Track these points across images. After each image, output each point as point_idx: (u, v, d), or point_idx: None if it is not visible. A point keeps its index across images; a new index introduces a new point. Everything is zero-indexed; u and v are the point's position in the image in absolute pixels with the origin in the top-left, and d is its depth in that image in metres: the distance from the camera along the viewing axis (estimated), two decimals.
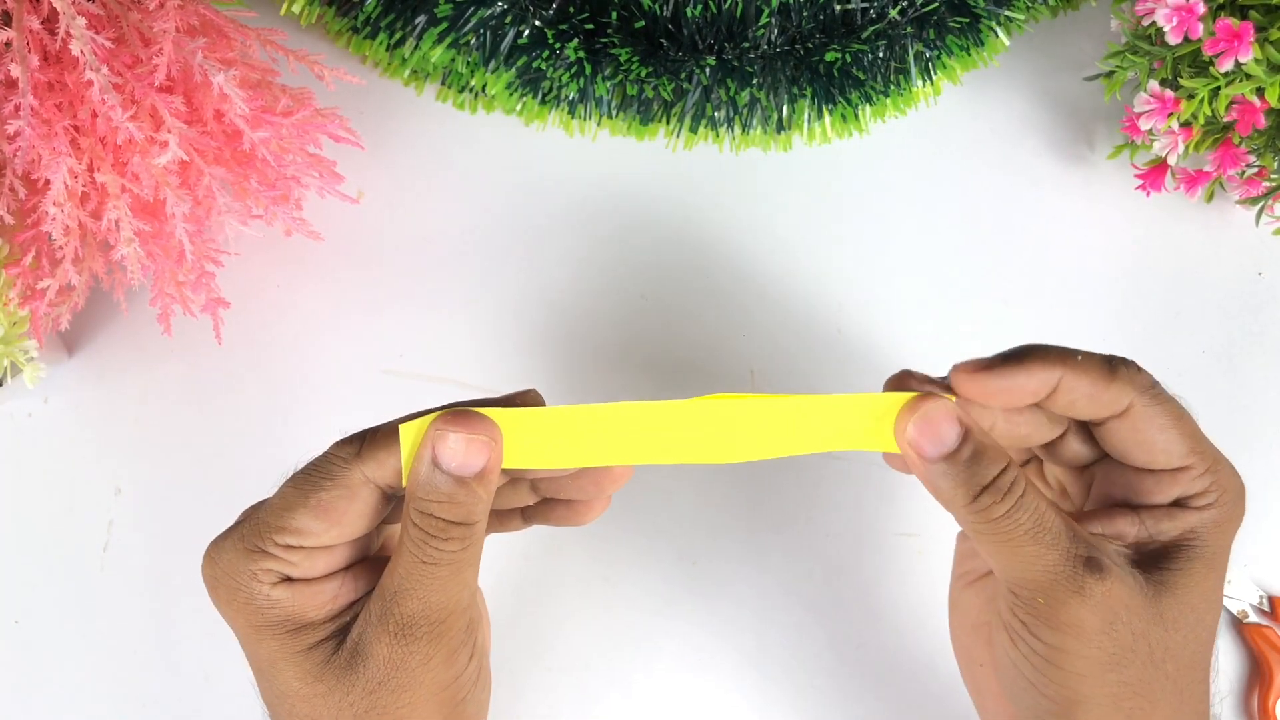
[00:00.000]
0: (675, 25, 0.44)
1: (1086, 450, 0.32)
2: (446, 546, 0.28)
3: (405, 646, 0.28)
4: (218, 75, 0.35)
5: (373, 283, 0.46)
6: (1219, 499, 0.30)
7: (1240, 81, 0.39)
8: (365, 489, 0.29)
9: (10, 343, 0.39)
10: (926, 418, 0.29)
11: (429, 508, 0.28)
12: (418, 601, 0.28)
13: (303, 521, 0.28)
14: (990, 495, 0.28)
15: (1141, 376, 0.30)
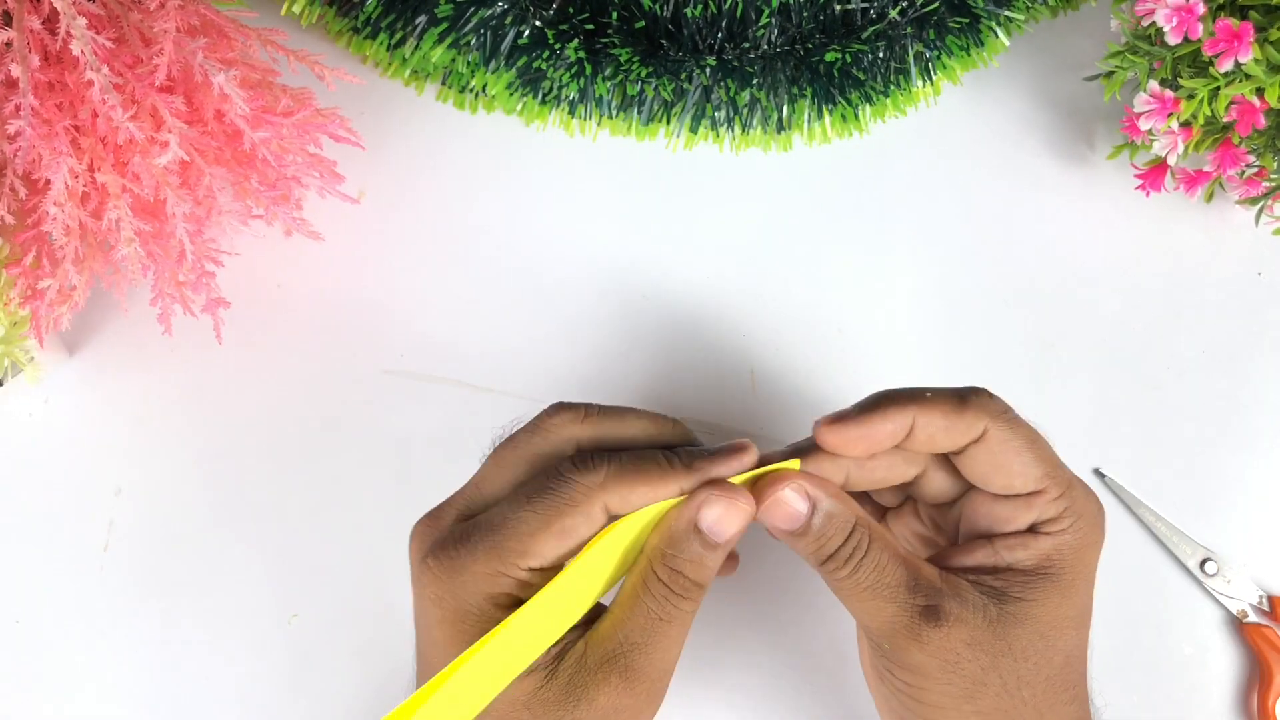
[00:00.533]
0: (675, 25, 0.45)
1: (950, 485, 0.33)
2: (684, 606, 0.29)
3: (626, 697, 0.29)
4: (218, 75, 0.35)
5: (373, 283, 0.46)
6: (1073, 524, 0.31)
7: (1240, 82, 0.39)
8: (601, 519, 0.30)
9: (11, 342, 0.39)
10: (778, 501, 0.31)
11: (681, 566, 0.29)
12: (646, 657, 0.29)
13: (547, 547, 0.29)
14: (834, 561, 0.30)
15: (994, 403, 0.32)
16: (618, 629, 0.29)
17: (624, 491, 0.30)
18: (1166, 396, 0.45)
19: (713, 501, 0.30)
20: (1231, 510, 0.43)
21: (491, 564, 0.29)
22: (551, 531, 0.29)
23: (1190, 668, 0.42)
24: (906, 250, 0.47)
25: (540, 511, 0.29)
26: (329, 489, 0.43)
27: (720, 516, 0.29)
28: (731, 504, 0.30)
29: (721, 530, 0.29)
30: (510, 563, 0.29)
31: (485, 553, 0.29)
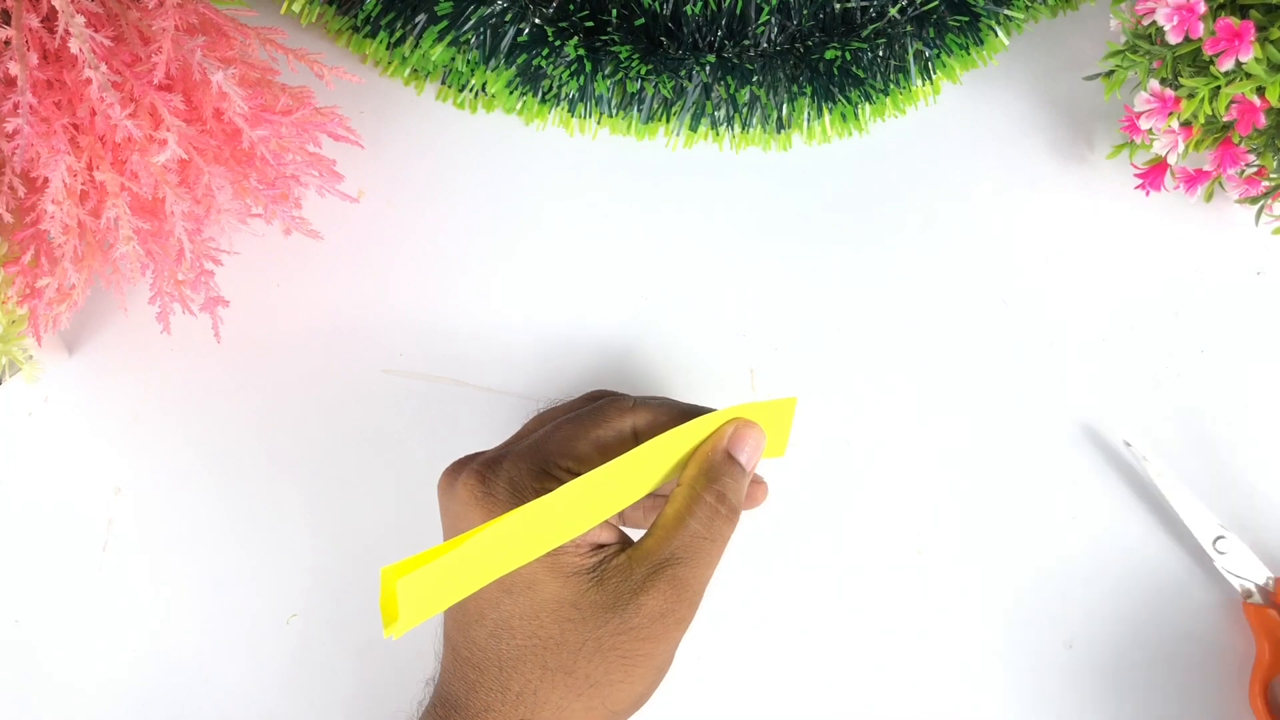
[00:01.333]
0: (675, 23, 0.44)
1: None
2: (723, 528, 0.33)
3: (674, 604, 0.32)
4: (217, 74, 0.35)
5: (373, 283, 0.46)
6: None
7: (1240, 81, 0.39)
8: (630, 439, 0.34)
9: (10, 341, 0.39)
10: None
11: (728, 489, 0.33)
12: (691, 570, 0.32)
13: (585, 450, 0.34)
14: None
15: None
16: (664, 545, 0.32)
17: (649, 417, 0.35)
18: (1167, 396, 0.45)
19: (744, 432, 0.34)
20: (1232, 510, 0.43)
21: (535, 460, 0.33)
22: (589, 439, 0.34)
23: (1197, 648, 0.42)
24: (906, 249, 0.47)
25: (577, 423, 0.34)
26: (328, 489, 0.43)
27: (754, 445, 0.34)
28: (759, 435, 0.34)
29: (753, 458, 0.34)
30: (551, 460, 0.33)
31: (527, 452, 0.33)
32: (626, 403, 0.35)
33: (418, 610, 0.29)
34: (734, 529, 0.34)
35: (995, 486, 0.44)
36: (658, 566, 0.32)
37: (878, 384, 0.45)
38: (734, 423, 0.34)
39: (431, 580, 0.29)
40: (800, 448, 0.44)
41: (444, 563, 0.29)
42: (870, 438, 0.44)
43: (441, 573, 0.30)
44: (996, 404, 0.45)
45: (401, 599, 0.29)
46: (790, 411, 0.36)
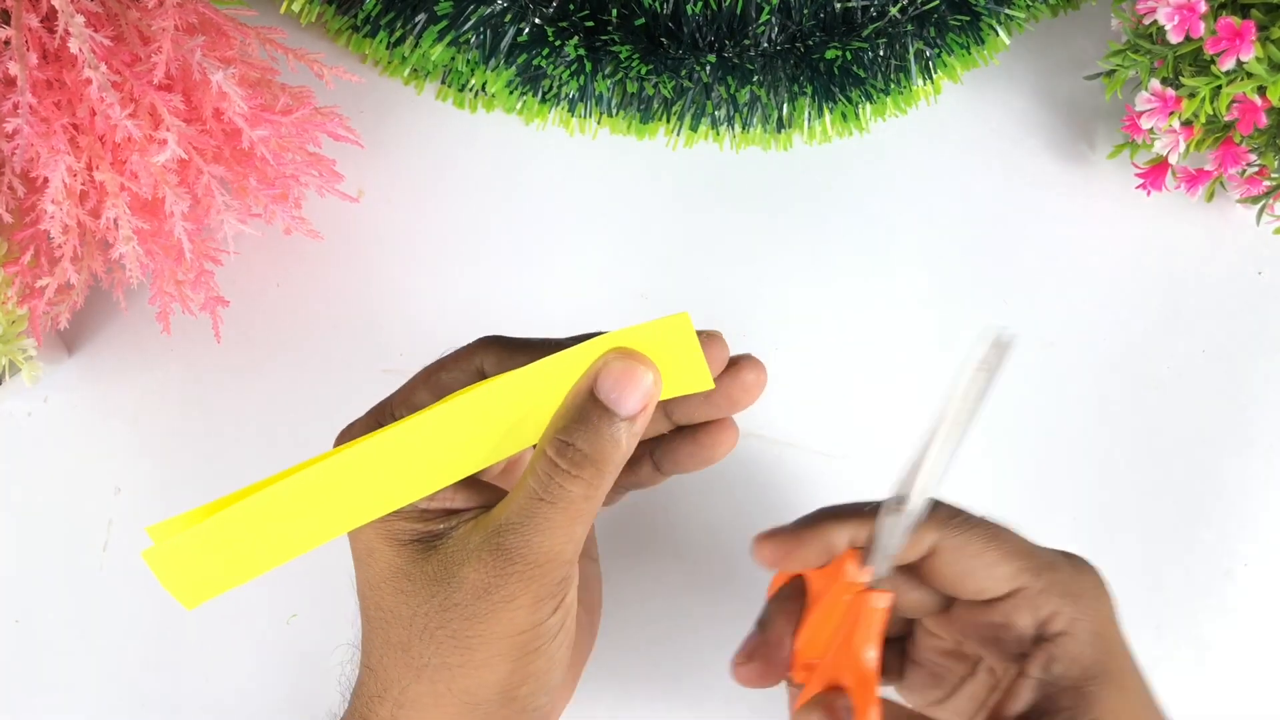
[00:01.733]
0: (675, 23, 0.44)
1: (927, 596, 0.31)
2: (570, 486, 0.27)
3: (496, 578, 0.27)
4: (217, 73, 0.35)
5: (373, 282, 0.45)
6: (1076, 610, 0.29)
7: (1242, 80, 0.39)
8: (477, 380, 0.29)
9: (9, 341, 0.39)
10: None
11: (571, 435, 0.27)
12: (522, 538, 0.27)
13: (421, 398, 0.29)
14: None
15: (941, 510, 0.30)
16: (501, 508, 0.28)
17: (501, 353, 0.29)
18: (1166, 396, 0.45)
19: (613, 365, 0.27)
20: (1231, 510, 0.43)
21: (372, 416, 0.29)
22: (428, 385, 0.29)
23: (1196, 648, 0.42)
24: (906, 249, 0.46)
25: (427, 369, 0.30)
26: None
27: (626, 380, 0.27)
28: (636, 367, 0.27)
29: (626, 396, 0.27)
30: (387, 412, 0.29)
31: (370, 412, 0.30)
32: (483, 341, 0.30)
33: (202, 579, 0.27)
34: (589, 488, 0.27)
35: (995, 486, 0.44)
36: (488, 535, 0.27)
37: (878, 384, 0.45)
38: (604, 357, 0.28)
39: (205, 545, 0.26)
40: (800, 447, 0.44)
41: (217, 523, 0.26)
42: (870, 437, 0.44)
43: (221, 536, 0.26)
44: (997, 404, 0.45)
45: (157, 570, 0.26)
46: (685, 330, 0.28)
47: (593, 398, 0.27)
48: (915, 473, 0.29)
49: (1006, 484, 0.44)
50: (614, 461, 0.28)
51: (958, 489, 0.44)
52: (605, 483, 0.28)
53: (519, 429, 0.28)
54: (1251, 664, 0.42)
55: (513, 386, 0.27)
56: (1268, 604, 0.43)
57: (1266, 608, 0.43)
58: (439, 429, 0.27)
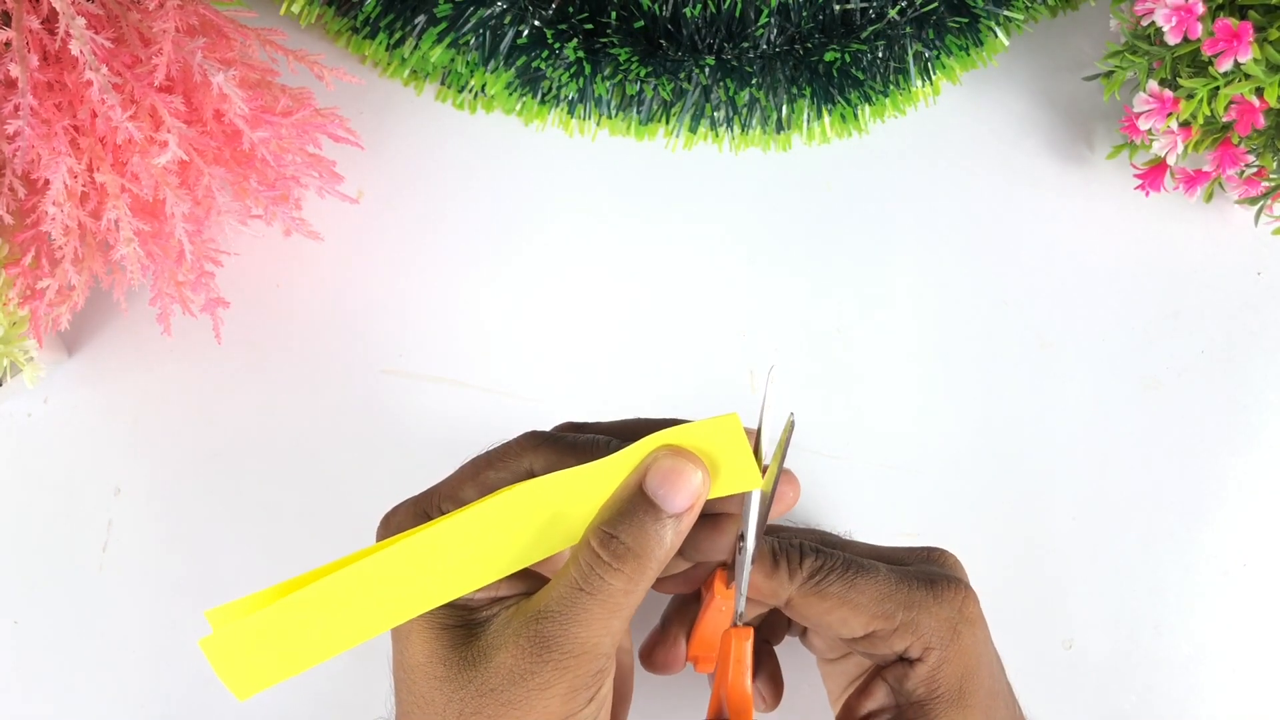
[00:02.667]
0: (674, 25, 0.44)
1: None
2: (612, 580, 0.27)
3: (531, 664, 0.27)
4: (217, 75, 0.35)
5: (373, 283, 0.46)
6: (931, 645, 0.31)
7: (1239, 81, 0.39)
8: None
9: (10, 343, 0.39)
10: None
11: (616, 528, 0.28)
12: (561, 627, 0.27)
13: (467, 494, 0.29)
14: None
15: (805, 565, 0.31)
16: (542, 596, 0.28)
17: (552, 456, 0.29)
18: (1166, 396, 0.45)
19: (662, 463, 0.28)
20: (1231, 510, 0.43)
21: (421, 504, 0.30)
22: (476, 481, 0.29)
23: (1195, 649, 0.42)
24: (906, 250, 0.47)
25: (474, 464, 0.30)
26: (328, 489, 0.43)
27: (674, 477, 0.28)
28: (685, 465, 0.28)
29: (674, 494, 0.28)
30: (434, 504, 0.29)
31: (420, 497, 0.30)
32: (532, 440, 0.30)
33: (256, 669, 0.27)
34: (630, 583, 0.27)
35: (995, 486, 0.44)
36: (527, 621, 0.28)
37: (878, 384, 0.45)
38: (655, 453, 0.28)
39: (259, 635, 0.27)
40: (800, 448, 0.44)
41: (272, 614, 0.27)
42: (870, 437, 0.44)
43: (275, 627, 0.27)
44: (996, 404, 0.45)
45: (214, 659, 0.26)
46: (734, 429, 0.28)
47: (640, 493, 0.28)
48: (748, 514, 0.30)
49: (1006, 484, 0.44)
50: (657, 558, 0.28)
51: (957, 489, 0.44)
52: (647, 578, 0.28)
53: (567, 526, 0.28)
54: (1251, 664, 0.42)
55: (562, 485, 0.28)
56: (1268, 604, 0.43)
57: (1266, 608, 0.43)
58: (488, 524, 0.28)
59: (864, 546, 0.35)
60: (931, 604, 0.31)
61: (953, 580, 0.32)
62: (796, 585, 0.31)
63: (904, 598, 0.31)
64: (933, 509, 0.44)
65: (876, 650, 0.32)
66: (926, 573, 0.33)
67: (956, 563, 0.35)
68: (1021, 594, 0.43)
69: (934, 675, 0.31)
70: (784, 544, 0.32)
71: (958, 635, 0.31)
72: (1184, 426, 0.44)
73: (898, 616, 0.31)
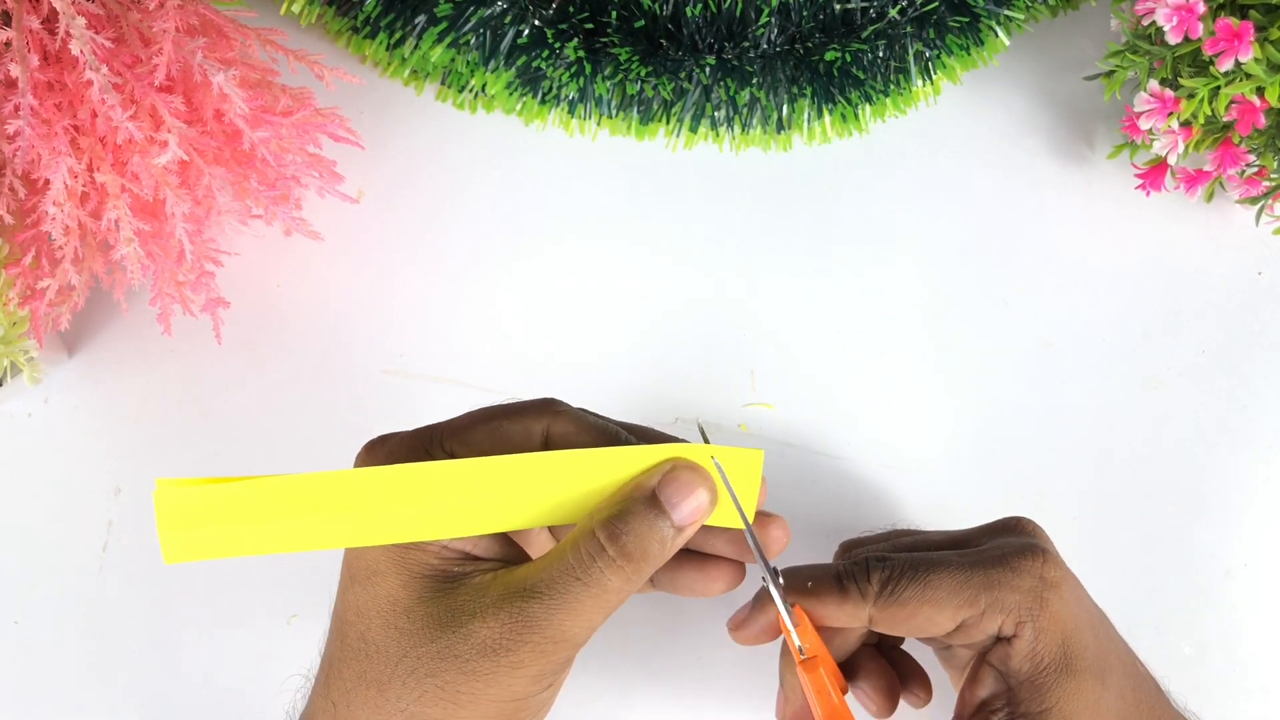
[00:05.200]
0: (675, 25, 0.44)
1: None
2: (610, 575, 0.27)
3: (509, 641, 0.26)
4: (217, 75, 0.35)
5: (373, 283, 0.46)
6: (1021, 621, 0.31)
7: (1240, 81, 0.39)
8: (538, 441, 0.29)
9: (10, 343, 0.39)
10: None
11: (625, 530, 0.27)
12: (546, 611, 0.27)
13: (478, 438, 0.28)
14: None
15: (873, 579, 0.31)
16: (530, 572, 0.27)
17: (570, 429, 0.29)
18: (1166, 396, 0.45)
19: (681, 474, 0.28)
20: (1231, 510, 0.43)
21: (419, 438, 0.28)
22: (489, 426, 0.28)
23: (1194, 649, 0.42)
24: (906, 250, 0.47)
25: (486, 410, 0.29)
26: None
27: (688, 492, 0.28)
28: (699, 483, 0.28)
29: (684, 507, 0.28)
30: (436, 441, 0.28)
31: (417, 431, 0.29)
32: (557, 405, 0.29)
33: (193, 539, 0.26)
34: (626, 582, 0.27)
35: (995, 486, 0.44)
36: (510, 594, 0.27)
37: (878, 384, 0.45)
38: (672, 461, 0.28)
39: (208, 506, 0.26)
40: (800, 448, 0.44)
41: (230, 491, 0.26)
42: (870, 437, 0.44)
43: (225, 503, 0.26)
44: (996, 404, 0.45)
45: (160, 512, 0.25)
46: (756, 467, 0.29)
47: (654, 496, 0.28)
48: (757, 553, 0.31)
49: (1007, 484, 0.44)
50: (653, 562, 0.28)
51: (957, 489, 0.44)
52: (642, 579, 0.28)
53: (568, 504, 0.28)
54: (1251, 664, 0.42)
55: (580, 463, 0.28)
56: (1267, 604, 0.43)
57: (1266, 608, 0.43)
58: (494, 478, 0.27)
59: (937, 536, 0.35)
60: (1011, 578, 0.31)
61: (1027, 548, 0.32)
62: (872, 602, 0.31)
63: (981, 580, 0.31)
64: (933, 509, 0.44)
65: (972, 639, 0.31)
66: (1000, 546, 0.32)
67: (1035, 528, 0.34)
68: None
69: (1034, 648, 0.30)
70: (847, 566, 0.32)
71: (1045, 603, 0.30)
72: (1184, 427, 0.44)
73: (981, 600, 0.30)
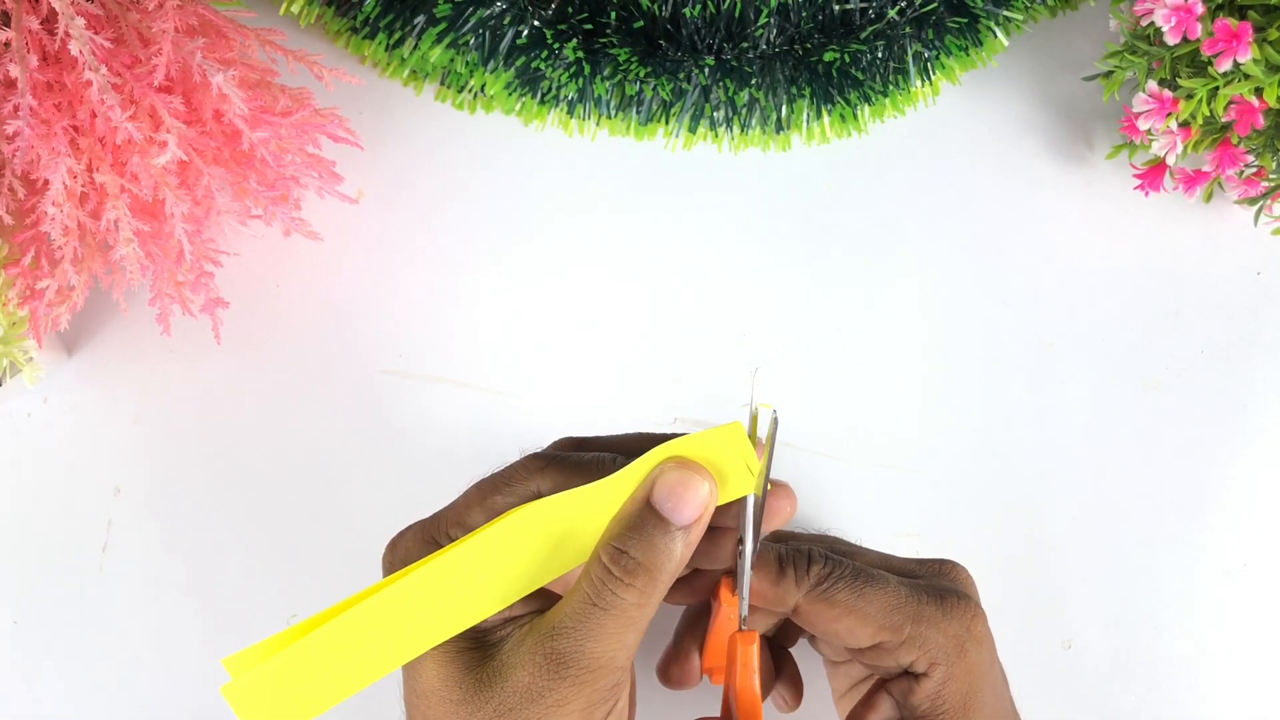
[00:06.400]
0: (674, 25, 0.45)
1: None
2: (624, 594, 0.27)
3: (548, 681, 0.27)
4: (217, 75, 0.35)
5: (373, 283, 0.46)
6: (932, 662, 0.31)
7: (1239, 81, 0.39)
8: None
9: (10, 343, 0.39)
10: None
11: (626, 543, 0.28)
12: (575, 643, 0.27)
13: (476, 520, 0.29)
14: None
15: (812, 571, 0.31)
16: (555, 612, 0.28)
17: (559, 478, 0.29)
18: (1166, 396, 0.45)
19: (669, 476, 0.28)
20: (1230, 510, 0.43)
21: (429, 530, 0.30)
22: (483, 506, 0.29)
23: (1195, 649, 0.42)
24: (905, 250, 0.47)
25: (481, 489, 0.30)
26: (328, 489, 0.43)
27: (681, 491, 0.28)
28: (691, 478, 0.28)
29: (681, 506, 0.28)
30: (443, 531, 0.29)
31: (427, 522, 0.30)
32: (536, 463, 0.30)
33: (277, 713, 0.27)
34: (642, 597, 0.28)
35: (995, 486, 0.44)
36: (541, 638, 0.27)
37: (878, 384, 0.45)
38: (660, 465, 0.28)
39: (278, 679, 0.27)
40: (800, 448, 0.44)
41: (290, 657, 0.27)
42: (870, 437, 0.44)
43: (293, 669, 0.27)
44: (997, 404, 0.45)
45: (237, 706, 0.26)
46: (738, 438, 0.29)
47: (648, 507, 0.28)
48: (744, 519, 0.31)
49: (1006, 484, 0.44)
50: (668, 570, 0.28)
51: (957, 489, 0.44)
52: (659, 591, 0.28)
53: (578, 544, 0.29)
54: (1251, 664, 0.42)
55: (570, 504, 0.28)
56: (1267, 604, 0.43)
57: (1266, 608, 0.43)
58: (499, 548, 0.28)
59: (875, 556, 0.35)
60: (940, 619, 0.31)
61: (963, 596, 0.32)
62: (803, 592, 0.31)
63: (913, 611, 0.31)
64: (933, 509, 0.44)
65: (882, 662, 0.32)
66: (937, 586, 0.32)
67: (968, 578, 0.34)
68: (1021, 594, 0.43)
69: (939, 691, 0.31)
70: (791, 551, 0.32)
71: (964, 652, 0.31)
72: (1184, 426, 0.44)
73: (905, 629, 0.31)
